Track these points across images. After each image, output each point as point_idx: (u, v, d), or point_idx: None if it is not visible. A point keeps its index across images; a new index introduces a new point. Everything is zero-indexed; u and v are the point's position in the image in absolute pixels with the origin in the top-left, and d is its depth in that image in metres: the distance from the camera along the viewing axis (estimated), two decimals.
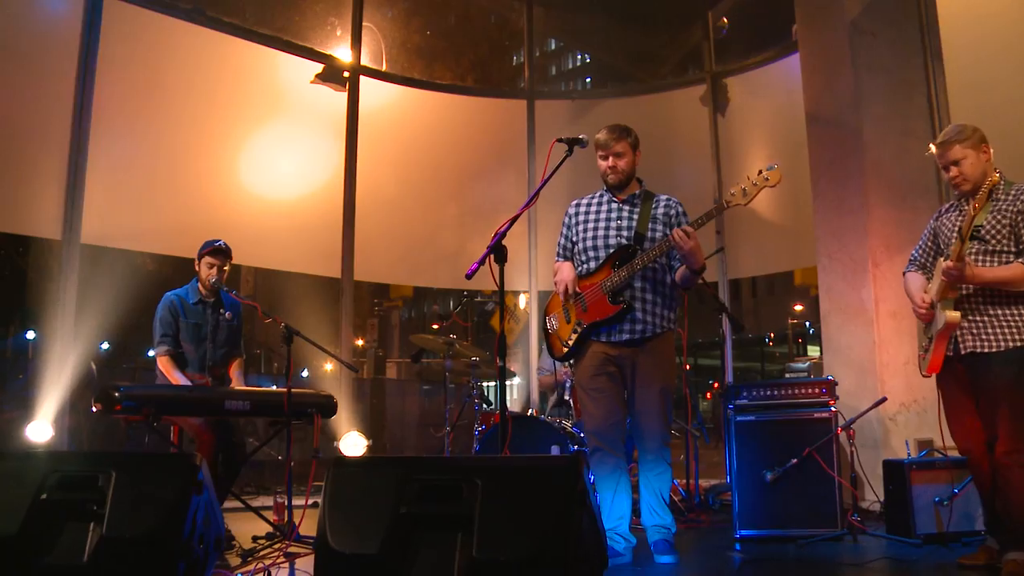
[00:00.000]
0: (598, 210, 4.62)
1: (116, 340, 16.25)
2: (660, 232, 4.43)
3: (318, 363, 17.86)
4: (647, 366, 4.39)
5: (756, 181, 4.14)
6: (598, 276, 4.44)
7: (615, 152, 4.49)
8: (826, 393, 5.17)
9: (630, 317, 4.36)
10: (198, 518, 2.87)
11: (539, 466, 2.44)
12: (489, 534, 2.27)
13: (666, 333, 4.47)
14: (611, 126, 4.54)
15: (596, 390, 4.46)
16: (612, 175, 4.53)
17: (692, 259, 4.23)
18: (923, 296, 4.10)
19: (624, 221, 4.50)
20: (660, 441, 4.42)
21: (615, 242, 4.46)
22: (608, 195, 4.63)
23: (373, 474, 2.54)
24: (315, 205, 8.48)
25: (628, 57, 12.22)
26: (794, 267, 10.03)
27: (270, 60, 8.32)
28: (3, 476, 2.91)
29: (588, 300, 4.43)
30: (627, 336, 4.38)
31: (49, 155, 6.86)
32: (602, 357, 4.43)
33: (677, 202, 4.58)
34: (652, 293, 4.43)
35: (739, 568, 4.38)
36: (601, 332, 4.43)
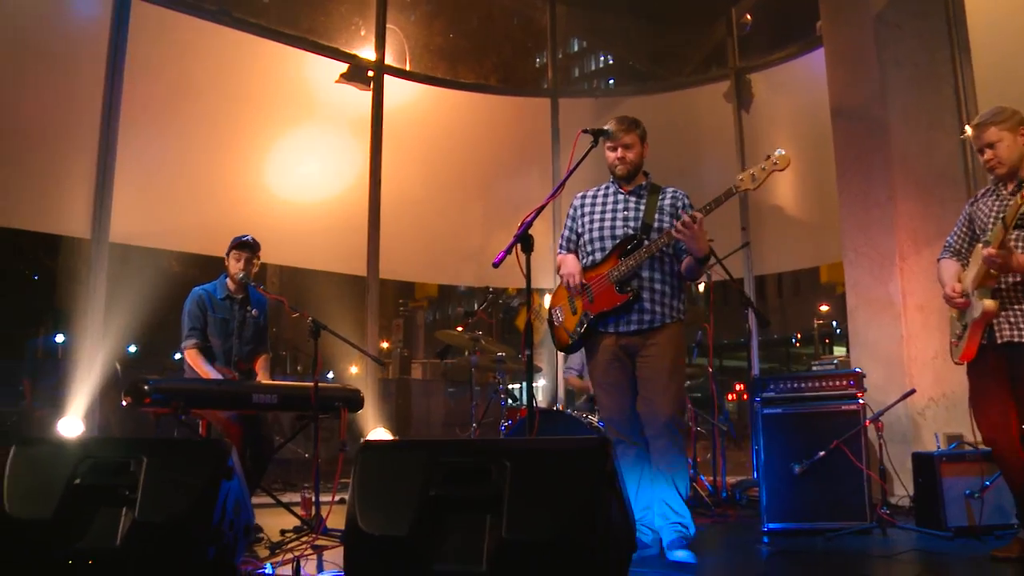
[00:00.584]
0: (604, 201, 4.58)
1: (143, 342, 16.41)
2: (667, 222, 4.39)
3: (343, 366, 17.93)
4: (654, 349, 4.33)
5: (764, 166, 4.11)
6: (604, 266, 4.39)
7: (624, 143, 4.45)
8: (854, 385, 5.14)
9: (638, 307, 4.32)
10: (228, 504, 2.91)
11: (568, 448, 2.44)
12: (518, 515, 2.28)
13: (675, 323, 4.41)
14: (620, 117, 4.51)
15: (610, 383, 4.44)
16: (620, 166, 4.48)
17: (694, 246, 4.18)
18: (955, 285, 4.06)
19: (631, 212, 4.48)
20: (667, 419, 4.27)
21: (622, 233, 4.43)
22: (614, 187, 4.60)
23: (402, 457, 2.56)
24: (340, 203, 8.54)
25: (651, 56, 12.18)
26: (820, 263, 9.97)
27: (295, 60, 8.39)
28: (38, 462, 2.96)
29: (595, 291, 4.39)
30: (635, 327, 4.34)
31: (78, 155, 6.94)
32: (612, 349, 4.39)
33: (684, 194, 4.55)
34: (660, 283, 4.38)
35: (767, 560, 4.36)
36: (609, 323, 4.39)
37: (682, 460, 4.35)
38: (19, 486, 2.91)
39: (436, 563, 2.32)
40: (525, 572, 2.24)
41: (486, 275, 8.49)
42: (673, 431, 4.29)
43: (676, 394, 4.33)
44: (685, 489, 4.35)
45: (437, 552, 2.34)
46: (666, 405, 4.28)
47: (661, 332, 4.35)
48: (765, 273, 9.30)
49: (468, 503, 2.38)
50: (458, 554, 2.32)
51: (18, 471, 2.94)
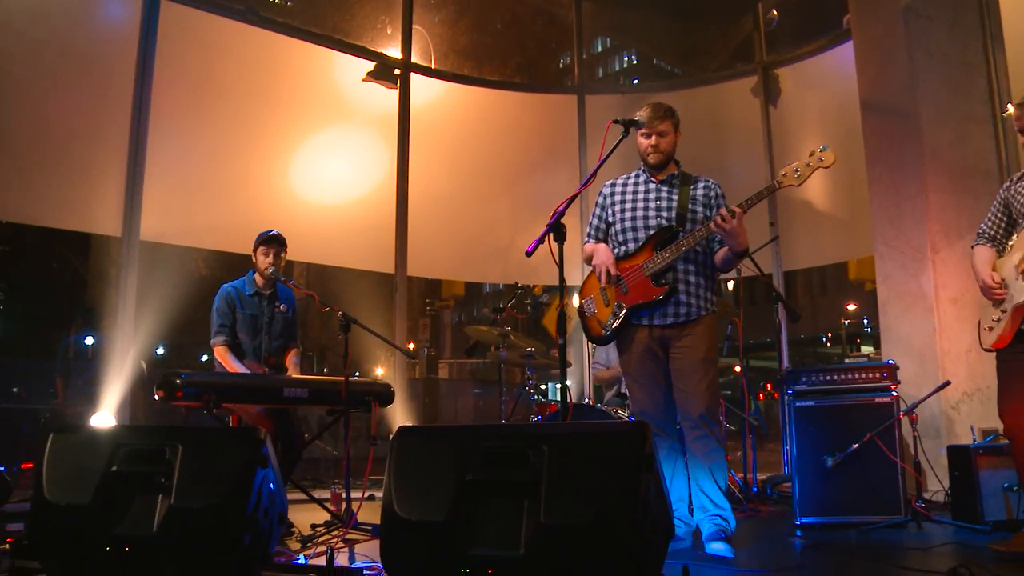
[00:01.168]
0: (635, 191, 4.50)
1: (170, 342, 16.53)
2: (700, 213, 4.34)
3: (369, 366, 18.00)
4: (689, 341, 4.27)
5: (809, 162, 4.06)
6: (638, 258, 4.33)
7: (658, 131, 4.37)
8: (887, 377, 5.10)
9: (674, 300, 4.26)
10: (263, 492, 2.91)
11: (605, 432, 2.42)
12: (556, 500, 2.27)
13: (709, 315, 4.36)
14: (655, 104, 4.42)
15: (643, 376, 4.37)
16: (653, 154, 4.40)
17: (734, 241, 4.11)
18: (993, 275, 4.00)
19: (664, 202, 4.39)
20: (703, 410, 4.21)
21: (655, 223, 4.35)
22: (645, 175, 4.52)
23: (438, 442, 2.55)
24: (368, 201, 8.57)
25: (677, 52, 12.14)
26: (849, 257, 9.88)
27: (322, 59, 8.43)
28: (75, 449, 2.99)
29: (629, 283, 4.32)
30: (671, 320, 4.28)
31: (109, 154, 7.01)
32: (646, 342, 4.33)
33: (716, 184, 4.49)
34: (695, 275, 4.32)
35: (802, 553, 4.33)
36: (643, 315, 4.33)
37: (720, 452, 4.29)
38: (57, 472, 2.94)
39: (473, 548, 2.32)
40: (563, 556, 2.23)
41: (514, 272, 8.47)
42: (710, 423, 4.24)
43: (711, 386, 4.27)
44: (724, 481, 4.29)
45: (474, 537, 2.33)
46: (702, 398, 4.22)
47: (696, 325, 4.30)
48: (794, 268, 9.23)
49: (505, 488, 2.37)
50: (495, 539, 2.31)
51: (56, 458, 2.97)
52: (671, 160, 4.48)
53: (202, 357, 14.71)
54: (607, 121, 4.20)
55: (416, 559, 2.40)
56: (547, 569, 2.24)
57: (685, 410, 4.27)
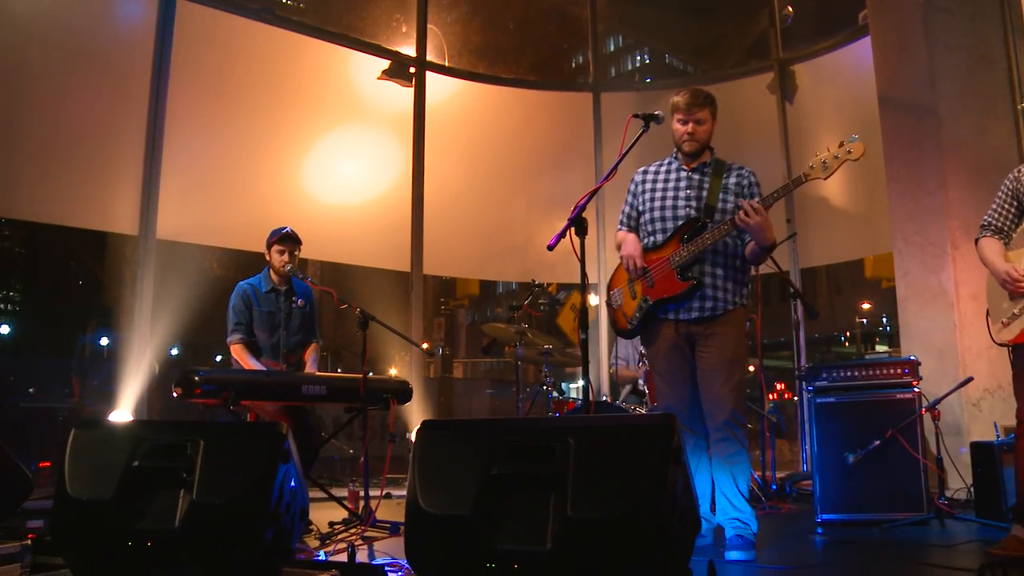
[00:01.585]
0: (666, 179, 4.39)
1: (184, 343, 16.57)
2: (731, 204, 4.21)
3: (383, 366, 17.99)
4: (715, 339, 4.17)
5: (837, 154, 3.93)
6: (665, 250, 4.23)
7: (696, 119, 4.26)
8: (909, 373, 5.05)
9: (700, 294, 4.16)
10: (285, 487, 2.90)
11: (632, 424, 2.40)
12: (583, 493, 2.24)
13: (737, 310, 4.24)
14: (694, 89, 4.31)
15: (669, 371, 4.30)
16: (688, 142, 4.29)
17: (760, 236, 4.02)
18: (1014, 267, 3.95)
19: (693, 191, 4.29)
20: (728, 415, 4.10)
21: (684, 214, 4.25)
22: (677, 163, 4.41)
23: (462, 436, 2.53)
24: (383, 199, 8.58)
25: (692, 49, 12.12)
26: (867, 254, 9.81)
27: (337, 58, 8.44)
28: (97, 444, 2.98)
29: (655, 275, 4.23)
30: (696, 314, 4.18)
31: (126, 153, 7.02)
32: (672, 337, 4.24)
33: (750, 172, 4.36)
34: (723, 268, 4.21)
35: (824, 550, 4.29)
36: (669, 309, 4.23)
37: (743, 456, 4.18)
38: (80, 467, 2.93)
39: (500, 543, 2.29)
40: (591, 550, 2.20)
41: (531, 270, 8.47)
42: (734, 426, 4.13)
43: (738, 385, 4.16)
44: (745, 485, 4.18)
45: (500, 531, 2.31)
46: (727, 400, 4.12)
47: (723, 320, 4.19)
48: (811, 265, 9.19)
49: (531, 481, 2.35)
50: (522, 533, 2.28)
51: (78, 453, 2.97)
52: (706, 148, 4.37)
53: (216, 357, 14.75)
54: (623, 118, 4.14)
55: (441, 554, 2.38)
56: (574, 563, 2.22)
57: (709, 412, 4.19)
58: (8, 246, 27.46)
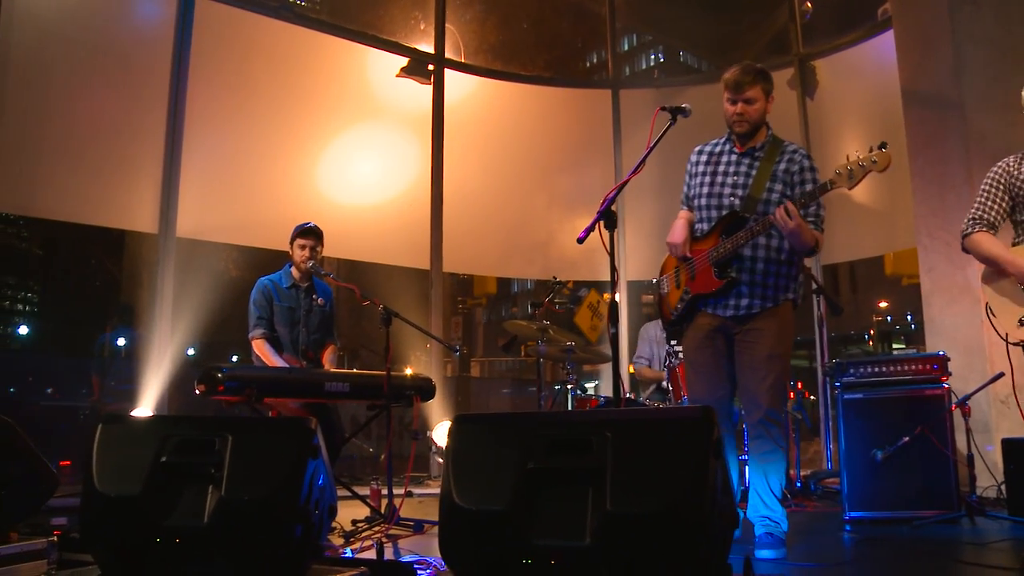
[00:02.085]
0: (718, 160, 4.20)
1: (201, 342, 16.58)
2: (777, 195, 4.00)
3: (399, 366, 17.95)
4: (752, 335, 4.04)
5: (863, 162, 3.70)
6: (707, 242, 4.10)
7: (746, 97, 4.00)
8: (938, 369, 4.98)
9: (736, 291, 4.04)
10: (315, 483, 2.87)
11: (672, 417, 2.35)
12: (622, 487, 2.20)
13: (781, 305, 4.08)
14: (745, 65, 4.04)
15: (700, 363, 4.19)
16: (739, 123, 4.05)
17: (796, 241, 3.87)
18: None
19: (740, 178, 4.08)
20: (763, 413, 3.99)
21: (728, 202, 4.09)
22: (730, 144, 4.19)
23: (497, 430, 2.49)
24: (402, 197, 8.58)
25: (710, 45, 12.05)
26: (888, 250, 9.72)
27: (356, 56, 8.43)
28: (124, 439, 2.95)
29: (697, 268, 4.13)
30: (731, 312, 4.07)
31: (146, 151, 7.04)
32: (708, 329, 4.13)
33: (805, 155, 4.09)
34: (764, 263, 4.03)
35: (855, 547, 4.23)
36: (708, 304, 4.13)
37: (777, 455, 4.03)
38: (107, 463, 2.90)
39: (536, 538, 2.25)
40: (631, 545, 2.16)
41: (551, 267, 8.44)
42: (769, 424, 3.99)
43: (775, 384, 3.99)
44: (778, 485, 4.05)
45: (537, 526, 2.27)
46: (764, 395, 3.98)
47: (763, 316, 4.04)
48: (833, 262, 9.12)
49: (568, 476, 2.30)
50: (560, 528, 2.24)
51: (105, 448, 2.93)
52: (760, 127, 4.13)
53: (232, 357, 14.74)
54: (642, 115, 4.08)
55: (476, 549, 2.34)
56: (613, 558, 2.18)
57: (746, 409, 4.11)
58: (26, 247, 27.61)
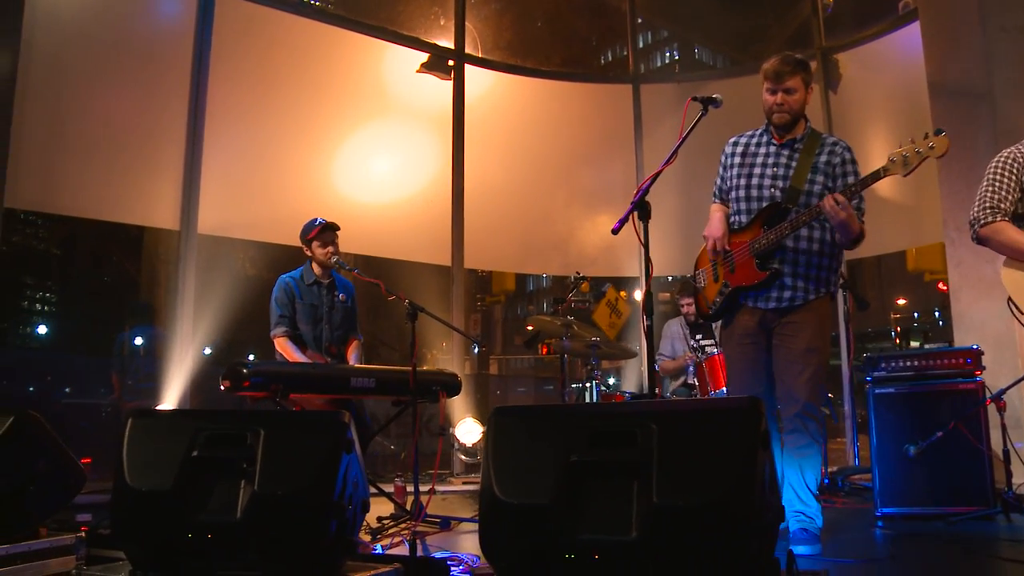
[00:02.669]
0: (755, 152, 4.15)
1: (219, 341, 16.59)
2: (819, 186, 3.97)
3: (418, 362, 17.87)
4: (791, 328, 4.00)
5: (920, 148, 3.64)
6: (747, 234, 4.06)
7: (786, 87, 3.96)
8: (971, 363, 4.90)
9: (779, 283, 3.99)
10: (348, 477, 2.82)
11: (719, 408, 2.30)
12: (669, 480, 2.15)
13: (820, 299, 4.04)
14: (784, 55, 4.02)
15: (741, 358, 4.15)
16: (778, 113, 4.00)
17: (844, 231, 3.81)
18: None
19: (780, 169, 4.04)
20: (800, 407, 3.94)
21: (768, 194, 4.04)
22: (768, 135, 4.14)
23: (538, 423, 2.44)
24: (422, 193, 8.55)
25: (731, 41, 11.97)
26: (912, 245, 9.61)
27: (376, 52, 8.40)
28: (155, 434, 2.91)
29: (736, 260, 4.07)
30: (774, 304, 4.02)
31: (166, 147, 7.02)
32: (748, 323, 4.09)
33: (846, 147, 4.06)
34: (807, 255, 3.99)
35: (894, 543, 4.16)
36: (748, 296, 4.08)
37: (813, 449, 3.99)
38: (138, 457, 2.86)
39: (581, 533, 2.20)
40: (678, 539, 2.11)
41: (572, 263, 8.40)
42: (806, 418, 3.95)
43: (812, 377, 3.95)
44: (814, 480, 4.01)
45: (581, 521, 2.22)
46: (801, 389, 3.94)
47: (803, 309, 4.00)
48: (859, 257, 9.03)
49: (612, 469, 2.25)
50: (605, 522, 2.19)
51: (136, 443, 2.89)
52: (799, 119, 4.08)
53: (248, 356, 14.73)
54: (663, 110, 4.04)
55: (518, 544, 2.28)
56: (661, 552, 2.13)
57: (783, 403, 4.04)
58: (44, 247, 27.70)
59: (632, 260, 8.98)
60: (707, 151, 4.49)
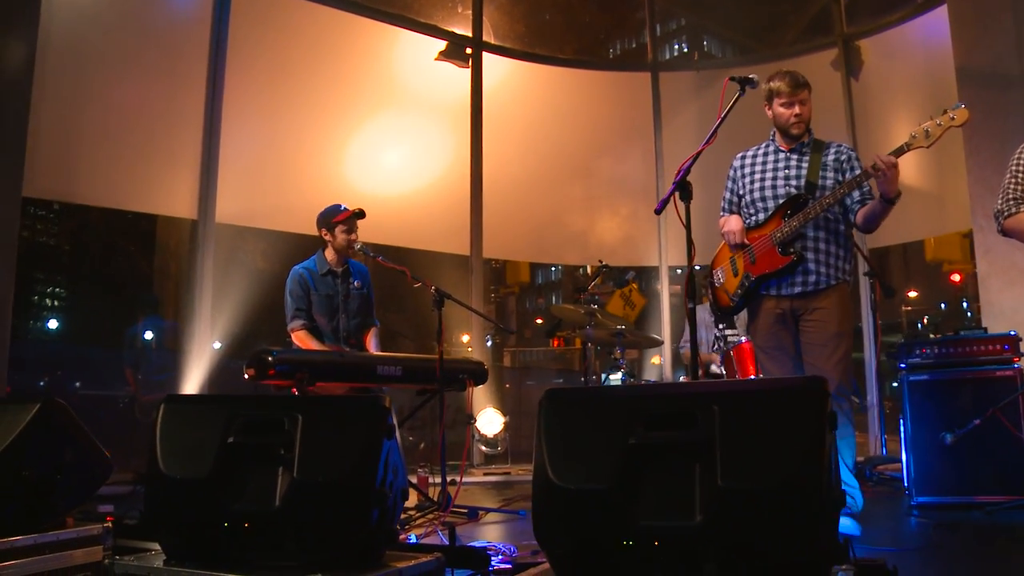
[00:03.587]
0: (764, 160, 4.43)
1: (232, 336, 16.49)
2: (831, 180, 4.22)
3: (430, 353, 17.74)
4: (819, 313, 4.17)
5: (940, 121, 3.85)
6: (767, 227, 4.25)
7: (800, 99, 4.29)
8: (1009, 350, 4.81)
9: (802, 268, 4.16)
10: (390, 464, 2.74)
11: (783, 388, 2.21)
12: (734, 462, 2.06)
13: (841, 284, 4.23)
14: (791, 73, 4.34)
15: (773, 348, 4.29)
16: (797, 124, 4.29)
17: (890, 186, 3.91)
18: None
19: (792, 170, 4.30)
20: (835, 389, 3.98)
21: (784, 192, 4.28)
22: (774, 145, 4.43)
23: (594, 405, 2.36)
24: (440, 182, 8.48)
25: (749, 29, 11.82)
26: (935, 234, 9.52)
27: (394, 39, 8.34)
28: (189, 420, 2.83)
29: (756, 251, 4.25)
30: (799, 289, 4.18)
31: (184, 136, 6.97)
32: (775, 313, 4.25)
33: (848, 147, 4.38)
34: (826, 243, 4.21)
35: (935, 531, 4.07)
36: (771, 285, 4.24)
37: (848, 429, 4.18)
38: (172, 445, 2.78)
39: (642, 518, 2.12)
40: (746, 523, 2.03)
41: (590, 253, 8.33)
42: (839, 399, 4.07)
43: (842, 360, 4.14)
44: (851, 458, 4.15)
45: (643, 505, 2.13)
46: (833, 371, 4.08)
47: (827, 295, 4.18)
48: (881, 245, 8.93)
49: (674, 451, 2.17)
50: (667, 506, 2.10)
51: (170, 429, 2.81)
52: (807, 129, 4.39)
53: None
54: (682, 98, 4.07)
55: (575, 531, 2.20)
56: (727, 537, 2.04)
57: None
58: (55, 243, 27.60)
59: (651, 250, 8.90)
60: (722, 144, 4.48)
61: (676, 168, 4.45)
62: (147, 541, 3.58)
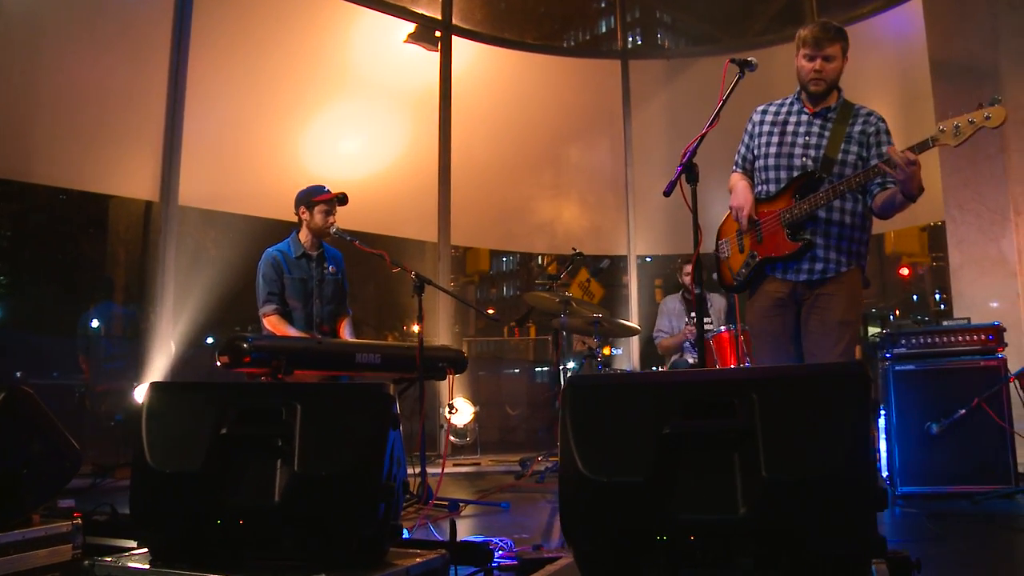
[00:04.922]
0: (785, 120, 4.02)
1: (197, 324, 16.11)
2: (853, 156, 3.83)
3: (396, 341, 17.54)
4: (824, 300, 3.84)
5: (974, 118, 3.49)
6: (777, 203, 3.91)
7: (825, 55, 3.88)
8: (994, 340, 4.82)
9: (810, 255, 3.83)
10: (394, 456, 2.59)
11: (824, 374, 2.11)
12: (777, 451, 1.95)
13: (851, 270, 3.88)
14: (824, 23, 3.91)
15: (768, 333, 3.98)
16: (815, 81, 3.91)
17: (910, 185, 3.52)
18: None
19: (813, 139, 3.90)
20: None
21: (800, 163, 3.88)
22: (799, 104, 4.04)
23: (622, 393, 2.23)
24: (407, 167, 8.35)
25: (718, 17, 11.73)
26: (906, 225, 9.55)
27: (361, 20, 8.15)
28: (178, 409, 2.65)
29: (764, 230, 3.91)
30: (805, 276, 3.86)
31: (146, 115, 6.77)
32: (776, 296, 3.92)
33: (879, 119, 3.92)
34: (839, 226, 3.84)
35: (929, 520, 4.02)
36: (777, 267, 3.92)
37: None
38: (160, 436, 2.59)
39: (681, 511, 2.00)
40: (792, 515, 1.93)
41: (558, 241, 8.23)
42: None
43: (846, 350, 3.78)
44: None
45: (680, 497, 2.02)
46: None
47: (834, 282, 3.85)
48: None
49: (711, 441, 2.05)
50: (708, 499, 1.99)
51: (157, 419, 2.62)
52: (834, 88, 3.99)
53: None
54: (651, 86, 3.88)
55: (608, 525, 2.08)
56: (773, 529, 1.95)
57: None
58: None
59: (619, 239, 8.82)
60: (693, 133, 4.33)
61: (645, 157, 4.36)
62: (119, 539, 3.41)
